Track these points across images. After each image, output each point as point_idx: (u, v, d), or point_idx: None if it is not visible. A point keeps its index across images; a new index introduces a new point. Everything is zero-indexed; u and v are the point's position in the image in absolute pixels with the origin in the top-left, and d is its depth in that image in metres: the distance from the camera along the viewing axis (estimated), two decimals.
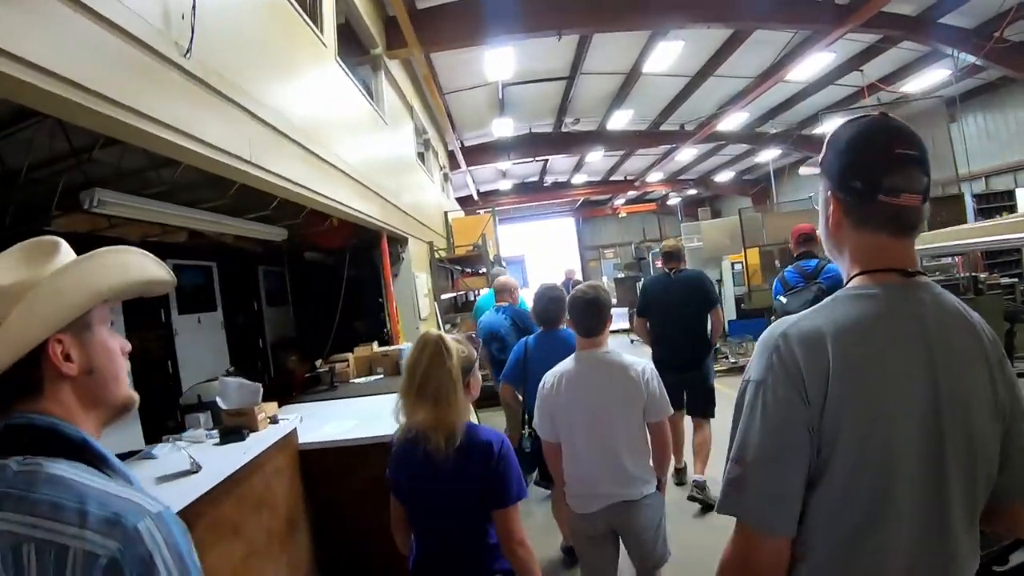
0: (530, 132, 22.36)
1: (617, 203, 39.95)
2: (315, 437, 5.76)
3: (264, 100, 5.22)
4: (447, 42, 12.47)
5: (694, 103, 19.88)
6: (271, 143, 5.37)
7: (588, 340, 4.14)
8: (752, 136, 24.70)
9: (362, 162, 8.46)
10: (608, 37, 14.37)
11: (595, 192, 35.84)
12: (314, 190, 6.39)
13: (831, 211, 1.79)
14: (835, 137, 1.76)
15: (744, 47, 15.28)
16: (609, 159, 28.38)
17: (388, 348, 9.36)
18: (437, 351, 3.00)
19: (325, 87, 7.58)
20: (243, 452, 4.63)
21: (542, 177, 31.97)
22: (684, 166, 31.64)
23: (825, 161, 1.80)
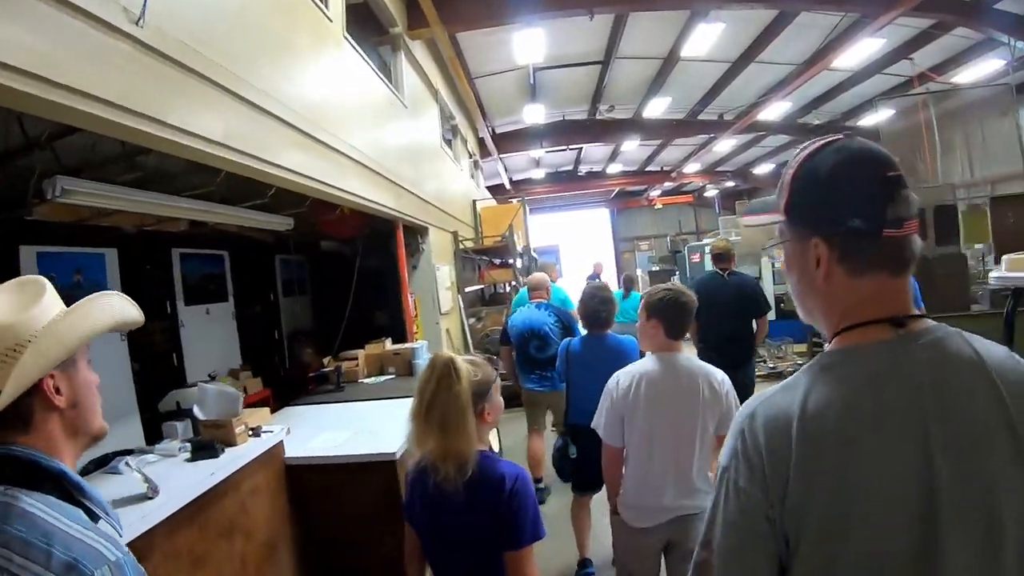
0: (563, 119, 21.72)
1: (653, 194, 39.32)
2: (305, 450, 5.29)
3: (248, 78, 4.70)
4: (472, 21, 11.93)
5: (734, 91, 19.19)
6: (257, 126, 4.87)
7: (674, 343, 3.98)
8: (794, 127, 23.89)
9: (375, 148, 7.96)
10: (644, 18, 13.76)
11: (630, 182, 35.33)
12: (313, 178, 5.88)
13: (818, 262, 1.51)
14: (808, 172, 1.52)
15: (788, 31, 14.58)
16: (645, 149, 27.77)
17: (401, 346, 8.81)
18: (445, 373, 2.78)
19: (330, 67, 7.01)
20: (211, 473, 4.17)
21: (576, 166, 31.44)
22: (722, 157, 30.93)
23: (799, 203, 1.55)
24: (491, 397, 3.00)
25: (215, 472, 4.17)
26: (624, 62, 16.60)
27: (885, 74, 17.98)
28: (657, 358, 3.94)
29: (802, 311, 1.65)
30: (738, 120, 21.67)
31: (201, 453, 4.45)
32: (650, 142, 25.75)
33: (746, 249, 17.09)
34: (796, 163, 1.55)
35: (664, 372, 3.86)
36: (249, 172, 4.96)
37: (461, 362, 2.82)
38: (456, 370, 2.77)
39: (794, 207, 1.55)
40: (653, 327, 3.96)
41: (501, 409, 3.12)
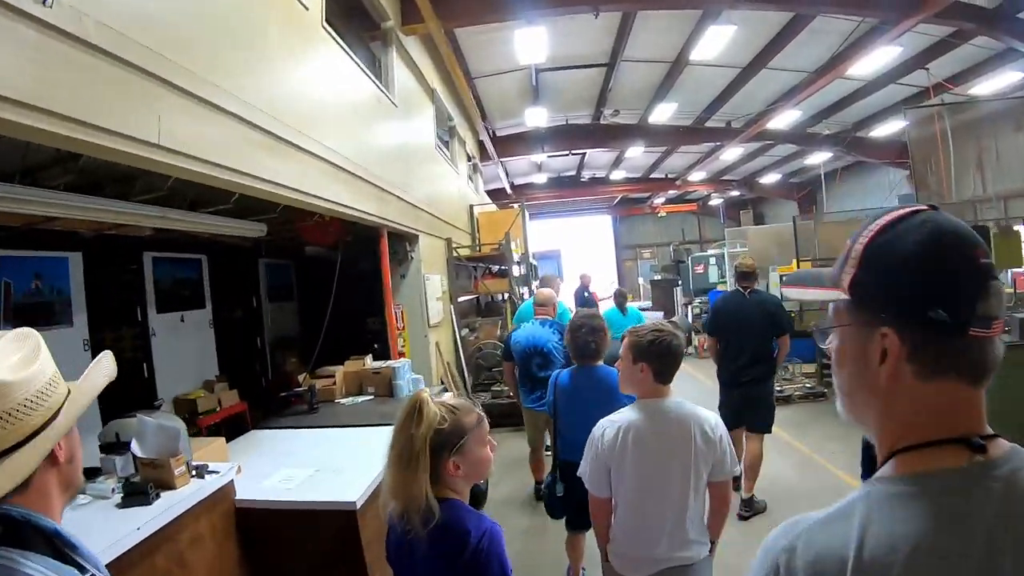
0: (566, 123, 21.13)
1: (656, 202, 39.15)
2: (260, 490, 4.80)
3: (199, 71, 4.15)
4: (470, 17, 11.35)
5: (743, 98, 18.68)
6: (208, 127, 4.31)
7: (663, 388, 3.77)
8: (803, 136, 23.47)
9: (358, 150, 7.41)
10: (652, 18, 13.21)
11: (634, 189, 34.85)
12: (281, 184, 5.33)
13: (883, 356, 1.26)
14: (885, 246, 1.28)
15: (802, 36, 14.09)
16: (650, 155, 27.34)
17: (381, 364, 8.18)
18: (409, 413, 2.61)
19: (306, 61, 6.41)
20: (137, 528, 3.66)
21: (579, 171, 30.94)
22: (728, 166, 30.51)
23: (870, 282, 1.30)
24: (464, 449, 2.67)
25: (142, 526, 3.67)
26: (630, 65, 16.04)
27: (900, 84, 17.43)
28: (645, 406, 3.73)
29: (849, 410, 1.43)
30: (746, 128, 21.14)
31: (132, 499, 3.96)
32: (655, 149, 25.27)
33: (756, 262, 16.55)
34: (870, 233, 1.31)
35: (653, 421, 3.66)
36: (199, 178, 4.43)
37: (431, 405, 2.61)
38: (420, 412, 2.58)
39: (862, 286, 1.31)
40: (642, 371, 3.72)
41: (482, 464, 2.77)
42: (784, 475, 8.55)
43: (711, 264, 21.05)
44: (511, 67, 15.02)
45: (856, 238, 1.33)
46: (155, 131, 3.71)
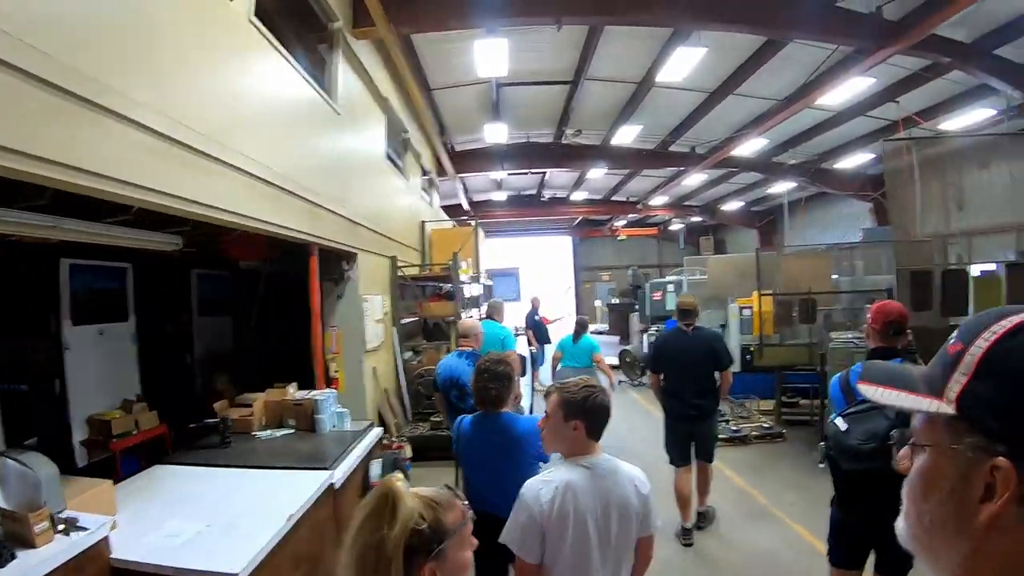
0: (527, 141, 20.59)
1: (617, 224, 38.94)
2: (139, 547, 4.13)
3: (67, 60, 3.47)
4: (425, 21, 10.74)
5: (709, 123, 18.35)
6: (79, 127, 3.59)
7: (594, 444, 3.61)
8: (768, 165, 23.28)
9: (287, 161, 6.72)
10: (619, 36, 12.73)
11: (594, 211, 34.68)
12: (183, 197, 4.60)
13: (988, 491, 1.00)
14: (1016, 355, 1.01)
15: (773, 63, 13.76)
16: (611, 178, 26.93)
17: (304, 395, 7.40)
18: (379, 508, 2.07)
19: (226, 59, 5.68)
20: None
21: (540, 191, 30.58)
22: (690, 191, 30.38)
23: (988, 398, 1.02)
24: (445, 555, 2.15)
25: None
26: (595, 84, 15.56)
27: (869, 116, 17.28)
28: (579, 464, 3.54)
29: (923, 544, 1.12)
30: (711, 154, 20.89)
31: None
32: (617, 171, 24.91)
33: (712, 290, 16.18)
34: (994, 335, 1.03)
35: (591, 481, 3.49)
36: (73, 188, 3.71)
37: (407, 500, 2.09)
38: (394, 509, 2.05)
39: (977, 400, 1.03)
40: (575, 428, 3.53)
41: (462, 571, 2.29)
42: (741, 529, 8.11)
43: (669, 291, 20.49)
44: (471, 80, 14.42)
45: (971, 337, 1.07)
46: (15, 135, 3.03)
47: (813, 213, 29.15)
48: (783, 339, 12.78)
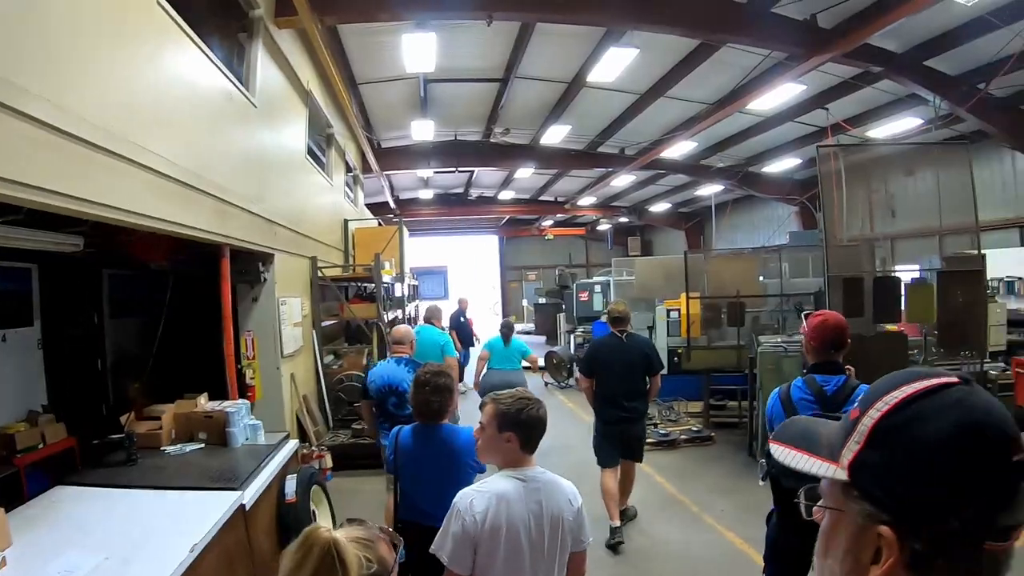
0: (455, 139, 20.19)
1: (544, 224, 38.90)
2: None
3: None
4: (351, 12, 10.35)
5: (639, 125, 18.24)
6: None
7: (527, 456, 3.58)
8: (696, 167, 23.40)
9: (195, 156, 6.23)
10: (552, 34, 12.45)
11: (522, 211, 34.60)
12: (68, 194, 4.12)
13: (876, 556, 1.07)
14: (904, 426, 1.06)
15: (704, 67, 13.68)
16: (539, 177, 26.79)
17: (214, 407, 6.90)
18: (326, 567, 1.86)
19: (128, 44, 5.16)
20: None
21: (467, 189, 30.24)
22: (618, 192, 30.39)
23: (877, 467, 1.08)
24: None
25: None
26: (525, 82, 15.27)
27: (797, 122, 17.43)
28: (513, 476, 3.51)
29: None
30: (640, 156, 20.79)
31: None
32: (545, 171, 24.74)
33: (640, 291, 16.08)
34: (885, 406, 1.07)
35: (525, 493, 3.45)
36: None
37: (347, 548, 1.93)
38: (343, 562, 1.89)
39: (867, 469, 1.08)
40: (508, 441, 3.50)
41: None
42: (672, 539, 7.95)
43: (596, 292, 20.30)
44: (398, 75, 13.98)
45: (867, 405, 1.11)
46: None
47: (739, 215, 29.48)
48: (711, 341, 12.64)
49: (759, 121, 17.81)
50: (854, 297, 8.29)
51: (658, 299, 15.22)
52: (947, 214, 16.20)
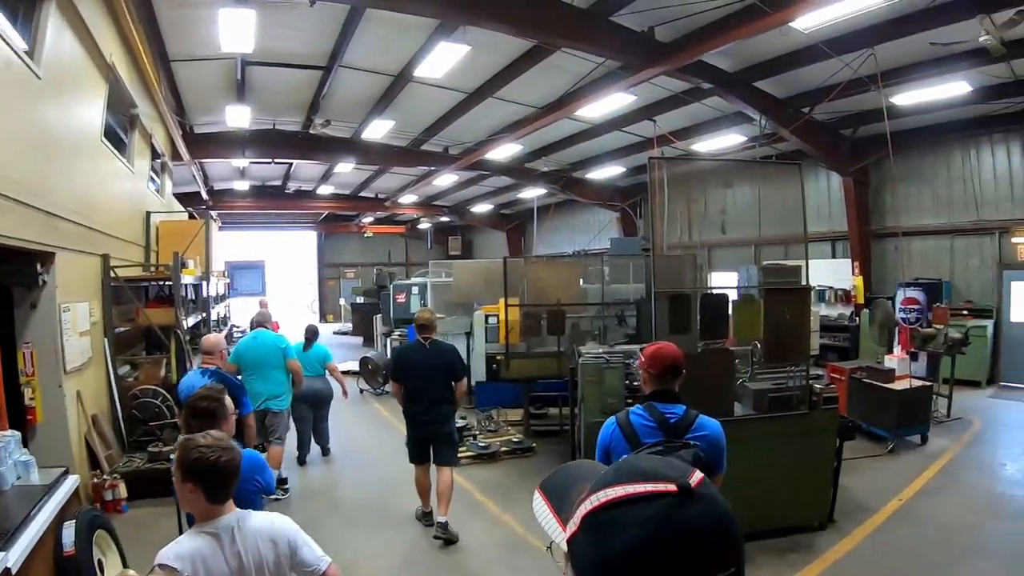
0: (273, 128, 18.98)
1: (364, 221, 38.26)
2: None
3: None
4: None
5: (465, 124, 17.91)
6: None
7: (217, 507, 3.23)
8: (520, 170, 23.35)
9: None
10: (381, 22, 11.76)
11: (341, 207, 33.78)
12: None
13: None
14: (603, 528, 1.09)
15: (537, 70, 13.44)
16: (360, 173, 26.11)
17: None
18: None
19: None
20: None
21: (285, 182, 29.06)
22: (441, 191, 30.08)
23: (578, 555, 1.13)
24: None
25: None
26: (350, 72, 14.48)
27: (624, 131, 17.62)
28: (205, 531, 3.21)
29: None
30: (464, 156, 20.54)
31: None
32: (366, 167, 24.09)
33: (458, 296, 15.70)
34: (597, 501, 1.11)
35: (219, 549, 3.17)
36: None
37: None
38: None
39: (576, 548, 1.13)
40: (191, 492, 3.18)
41: None
42: (500, 566, 7.49)
43: (414, 294, 19.53)
44: (214, 54, 12.68)
45: (594, 489, 1.13)
46: None
47: (561, 219, 29.77)
48: (530, 348, 12.18)
49: (586, 128, 17.84)
50: (681, 314, 8.08)
51: (477, 303, 14.74)
52: (766, 226, 17.00)
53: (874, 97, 13.31)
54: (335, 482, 10.32)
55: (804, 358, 7.91)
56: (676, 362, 4.40)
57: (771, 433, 7.49)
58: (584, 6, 10.85)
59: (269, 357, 9.09)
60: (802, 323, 7.98)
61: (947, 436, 11.82)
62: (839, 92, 12.97)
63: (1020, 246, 16.35)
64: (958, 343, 12.49)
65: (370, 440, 12.29)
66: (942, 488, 9.35)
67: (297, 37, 12.50)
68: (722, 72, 13.07)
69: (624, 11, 10.85)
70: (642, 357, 4.51)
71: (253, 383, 8.81)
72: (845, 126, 16.77)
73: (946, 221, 17.72)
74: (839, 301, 19.34)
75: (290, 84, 15.43)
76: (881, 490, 9.13)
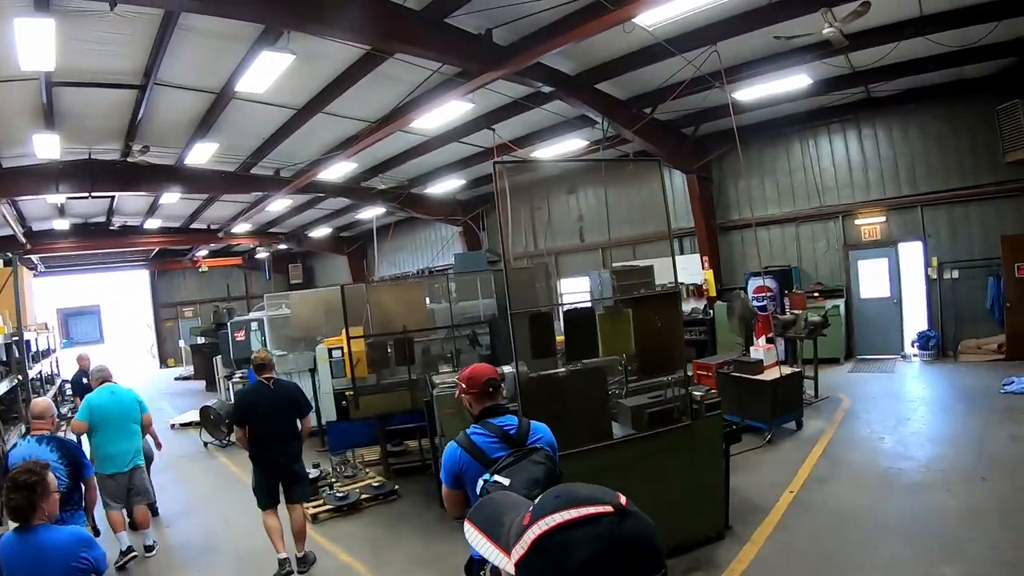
0: (89, 158, 17.43)
1: (198, 255, 36.78)
2: None
3: None
4: None
5: (295, 144, 17.25)
6: None
7: None
8: (356, 190, 22.89)
9: None
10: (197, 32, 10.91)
11: (172, 241, 31.97)
12: None
13: None
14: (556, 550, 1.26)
15: (368, 80, 12.99)
16: (189, 203, 24.87)
17: None
18: None
19: None
20: None
21: (109, 218, 27.05)
22: (275, 217, 29.34)
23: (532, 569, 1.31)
24: None
25: None
26: (167, 91, 13.41)
27: (462, 143, 17.53)
28: None
29: None
30: (296, 178, 19.93)
31: None
32: (194, 196, 22.88)
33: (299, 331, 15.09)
34: (546, 526, 1.28)
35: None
36: None
37: None
38: None
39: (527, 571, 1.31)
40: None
41: None
42: None
43: (253, 330, 18.35)
44: (12, 73, 11.44)
45: (536, 515, 1.31)
46: None
47: (402, 238, 29.74)
48: (380, 380, 11.44)
49: (423, 141, 17.57)
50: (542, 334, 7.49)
51: (319, 336, 14.00)
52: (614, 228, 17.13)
53: (715, 94, 13.80)
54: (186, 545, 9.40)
55: (680, 366, 7.60)
56: (492, 377, 4.60)
57: (655, 451, 7.13)
58: (418, 7, 10.46)
59: (131, 412, 8.86)
60: (675, 330, 7.60)
61: (820, 418, 12.13)
62: (682, 90, 13.26)
63: (863, 227, 17.92)
64: (819, 326, 12.94)
65: (218, 503, 11.15)
66: (829, 473, 9.41)
67: (106, 52, 11.38)
68: (564, 75, 13.05)
69: (460, 12, 10.57)
70: (461, 383, 4.65)
71: (116, 442, 8.62)
72: (686, 124, 17.34)
73: (791, 209, 18.99)
74: (691, 296, 19.89)
75: (103, 107, 14.15)
76: (769, 485, 9.07)
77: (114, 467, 8.51)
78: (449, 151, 18.37)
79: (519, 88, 13.63)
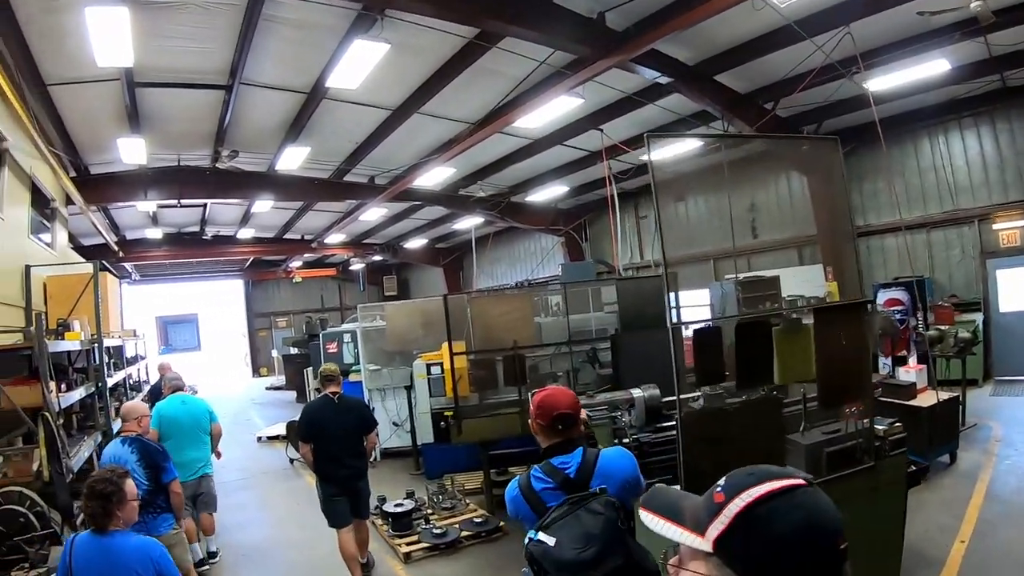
0: (178, 164, 16.80)
1: (292, 265, 36.56)
2: None
3: None
4: None
5: (390, 148, 16.30)
6: None
7: None
8: (454, 198, 21.83)
9: None
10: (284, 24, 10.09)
11: (266, 251, 31.87)
12: None
13: None
14: (762, 519, 1.36)
15: (468, 75, 12.00)
16: (282, 213, 24.41)
17: None
18: None
19: None
20: None
21: (203, 227, 26.68)
22: (370, 228, 28.70)
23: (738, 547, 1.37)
24: None
25: None
26: (254, 91, 12.59)
27: (567, 145, 16.46)
28: None
29: None
30: (392, 185, 19.07)
31: None
32: (287, 204, 22.44)
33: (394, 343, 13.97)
34: (749, 498, 1.37)
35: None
36: None
37: None
38: None
39: (728, 547, 1.37)
40: None
41: None
42: None
43: (346, 342, 17.74)
44: (92, 73, 10.73)
45: (732, 493, 1.38)
46: None
47: (500, 248, 28.91)
48: (484, 400, 10.19)
49: (526, 144, 16.59)
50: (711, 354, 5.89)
51: (416, 351, 12.91)
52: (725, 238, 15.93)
53: (844, 86, 12.52)
54: None
55: (869, 396, 6.09)
56: (566, 412, 3.86)
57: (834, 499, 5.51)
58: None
59: (201, 421, 8.88)
60: (862, 351, 6.09)
61: (973, 448, 10.56)
62: (812, 79, 11.86)
63: (1001, 232, 15.82)
64: (969, 343, 11.39)
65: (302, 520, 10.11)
66: (1001, 517, 7.94)
67: (187, 48, 10.61)
68: (682, 65, 11.91)
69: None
70: (532, 407, 3.99)
71: (185, 450, 8.50)
72: (807, 122, 15.63)
73: (921, 214, 17.11)
74: None
75: (189, 109, 13.37)
76: (936, 532, 7.67)
77: (183, 475, 8.01)
78: (552, 155, 17.30)
79: (630, 82, 12.61)
